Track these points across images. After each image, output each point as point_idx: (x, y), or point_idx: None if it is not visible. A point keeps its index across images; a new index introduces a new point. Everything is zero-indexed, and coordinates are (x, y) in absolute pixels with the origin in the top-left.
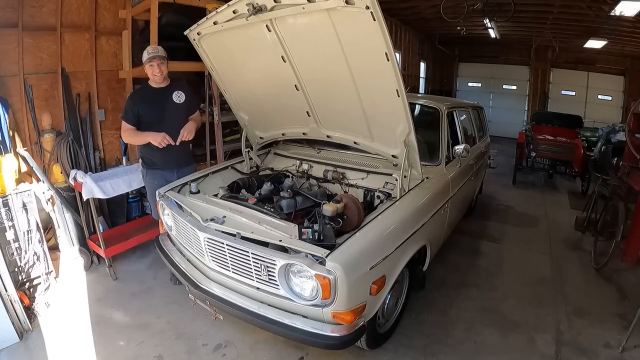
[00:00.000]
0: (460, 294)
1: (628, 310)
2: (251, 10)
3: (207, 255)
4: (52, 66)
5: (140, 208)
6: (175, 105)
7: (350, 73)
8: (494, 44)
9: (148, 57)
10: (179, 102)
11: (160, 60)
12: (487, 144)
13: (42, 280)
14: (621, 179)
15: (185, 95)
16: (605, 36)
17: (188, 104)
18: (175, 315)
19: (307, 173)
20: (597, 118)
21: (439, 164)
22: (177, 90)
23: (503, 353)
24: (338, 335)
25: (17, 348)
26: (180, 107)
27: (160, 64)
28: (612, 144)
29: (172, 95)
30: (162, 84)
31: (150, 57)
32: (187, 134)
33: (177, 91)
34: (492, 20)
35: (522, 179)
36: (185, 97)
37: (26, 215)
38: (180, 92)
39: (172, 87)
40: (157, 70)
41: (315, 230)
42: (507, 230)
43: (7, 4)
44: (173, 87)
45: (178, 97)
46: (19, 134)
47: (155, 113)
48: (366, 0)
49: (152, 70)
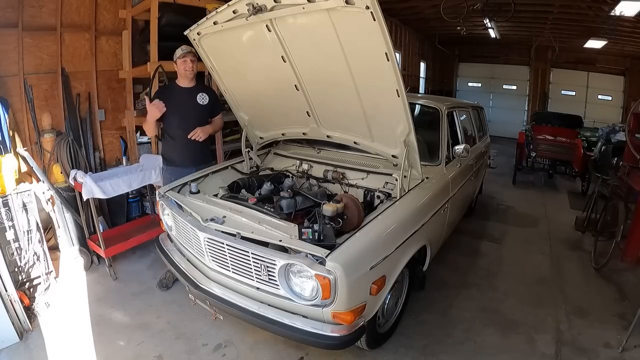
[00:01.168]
0: (460, 294)
1: (628, 310)
2: (251, 10)
3: (207, 255)
4: (52, 66)
5: (140, 208)
6: (199, 106)
7: (350, 73)
8: (494, 44)
9: (182, 52)
10: (203, 103)
11: (193, 57)
12: (487, 144)
13: (42, 280)
14: (621, 179)
15: (209, 97)
16: (605, 36)
17: (211, 106)
18: (175, 315)
19: (307, 173)
20: (597, 118)
21: (439, 164)
22: (202, 92)
23: (503, 353)
24: (338, 335)
25: (17, 348)
26: (203, 108)
27: (193, 61)
28: (612, 144)
29: (197, 97)
30: (189, 84)
31: (185, 53)
32: (200, 133)
33: (201, 93)
34: (492, 20)
35: (522, 179)
36: (208, 99)
37: (26, 215)
38: (204, 94)
39: (197, 88)
40: (190, 65)
41: (315, 230)
42: (507, 230)
43: (7, 4)
44: (198, 88)
45: (202, 98)
46: (19, 134)
47: (178, 112)
48: (366, 0)
49: (184, 65)
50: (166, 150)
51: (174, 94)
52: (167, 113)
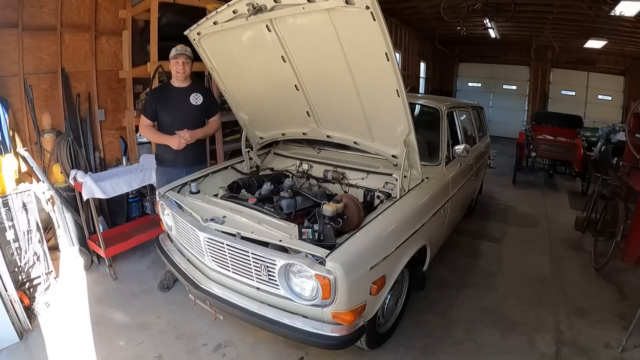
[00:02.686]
0: (460, 294)
1: (628, 310)
2: (251, 10)
3: (207, 255)
4: (52, 66)
5: (140, 208)
6: (192, 106)
7: (350, 73)
8: (494, 44)
9: (176, 53)
10: (196, 104)
11: (186, 59)
12: (487, 144)
13: (42, 280)
14: (621, 179)
15: (204, 97)
16: (605, 36)
17: (206, 107)
18: (175, 315)
19: (307, 173)
20: (597, 118)
21: (439, 164)
22: (196, 92)
23: (503, 353)
24: (338, 335)
25: (17, 348)
26: (196, 109)
27: (185, 63)
28: (612, 144)
29: (190, 97)
30: (183, 84)
31: (178, 54)
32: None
33: (195, 93)
34: (492, 20)
35: (522, 179)
36: (203, 99)
37: (26, 215)
38: (198, 94)
39: (192, 88)
40: (181, 67)
41: (315, 230)
42: (507, 230)
43: (7, 4)
44: (192, 88)
45: (196, 99)
46: (19, 134)
47: (170, 112)
48: (366, 0)
49: (176, 66)
50: (159, 150)
51: (168, 93)
52: (160, 113)
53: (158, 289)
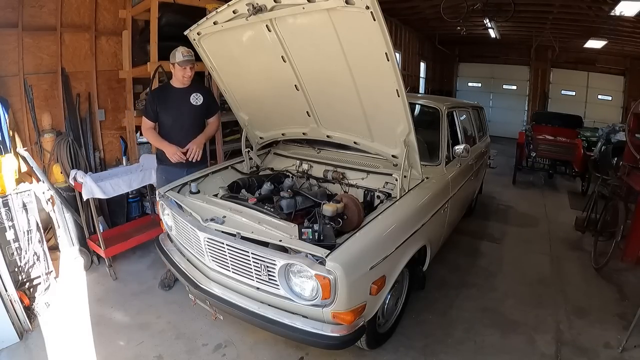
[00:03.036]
0: (460, 294)
1: (628, 310)
2: (251, 10)
3: (207, 255)
4: (52, 66)
5: (140, 208)
6: (192, 107)
7: (350, 73)
8: (494, 44)
9: (183, 59)
10: (196, 104)
11: (193, 65)
12: (487, 144)
13: (42, 280)
14: (621, 179)
15: (204, 97)
16: (605, 36)
17: (206, 107)
18: (175, 315)
19: (307, 173)
20: (597, 118)
21: (439, 164)
22: (196, 92)
23: (503, 353)
24: (338, 335)
25: (17, 348)
26: (197, 109)
27: (192, 69)
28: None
29: (190, 97)
30: (183, 85)
31: (186, 60)
32: (195, 148)
33: (195, 93)
34: (492, 20)
35: (522, 179)
36: (203, 99)
37: (26, 215)
38: (199, 95)
39: (192, 88)
40: (189, 74)
41: (315, 230)
42: (507, 230)
43: (7, 4)
44: (192, 88)
45: (196, 99)
46: (19, 134)
47: (171, 113)
48: (366, 0)
49: (183, 72)
50: (160, 150)
51: (168, 94)
52: (160, 113)
53: (159, 288)
